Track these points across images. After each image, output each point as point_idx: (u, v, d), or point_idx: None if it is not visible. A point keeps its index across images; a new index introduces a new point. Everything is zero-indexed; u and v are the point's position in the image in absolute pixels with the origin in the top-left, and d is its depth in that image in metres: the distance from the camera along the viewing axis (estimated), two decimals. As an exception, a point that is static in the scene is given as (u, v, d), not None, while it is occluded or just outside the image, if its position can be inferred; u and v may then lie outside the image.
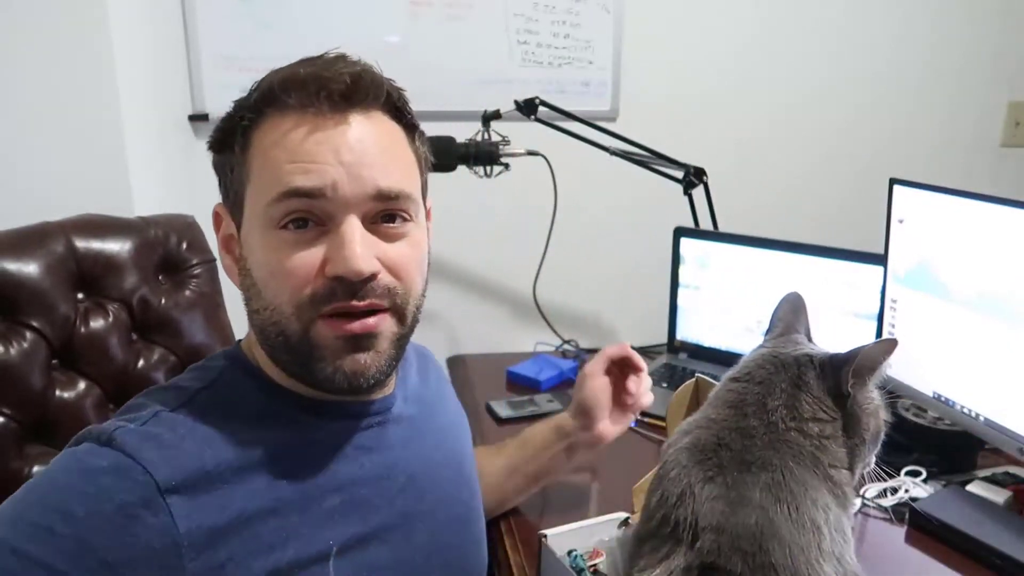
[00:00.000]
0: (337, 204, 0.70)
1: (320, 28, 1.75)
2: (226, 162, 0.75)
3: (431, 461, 0.86)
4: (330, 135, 0.70)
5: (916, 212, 1.29)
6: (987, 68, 2.05)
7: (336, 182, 0.69)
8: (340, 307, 0.70)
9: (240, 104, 0.75)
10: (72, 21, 1.51)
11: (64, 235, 1.11)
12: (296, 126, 0.70)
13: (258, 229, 0.72)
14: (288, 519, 0.70)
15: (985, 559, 1.05)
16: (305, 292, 0.70)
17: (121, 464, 0.64)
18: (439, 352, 1.90)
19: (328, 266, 0.70)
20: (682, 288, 1.70)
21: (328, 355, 0.71)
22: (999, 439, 1.15)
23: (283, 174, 0.69)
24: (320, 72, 0.71)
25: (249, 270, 0.73)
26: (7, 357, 1.03)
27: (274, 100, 0.71)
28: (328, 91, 0.70)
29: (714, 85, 1.96)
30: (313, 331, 0.71)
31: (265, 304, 0.72)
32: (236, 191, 0.74)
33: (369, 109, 0.73)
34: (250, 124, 0.73)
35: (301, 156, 0.69)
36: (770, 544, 0.60)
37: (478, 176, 1.63)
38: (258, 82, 0.74)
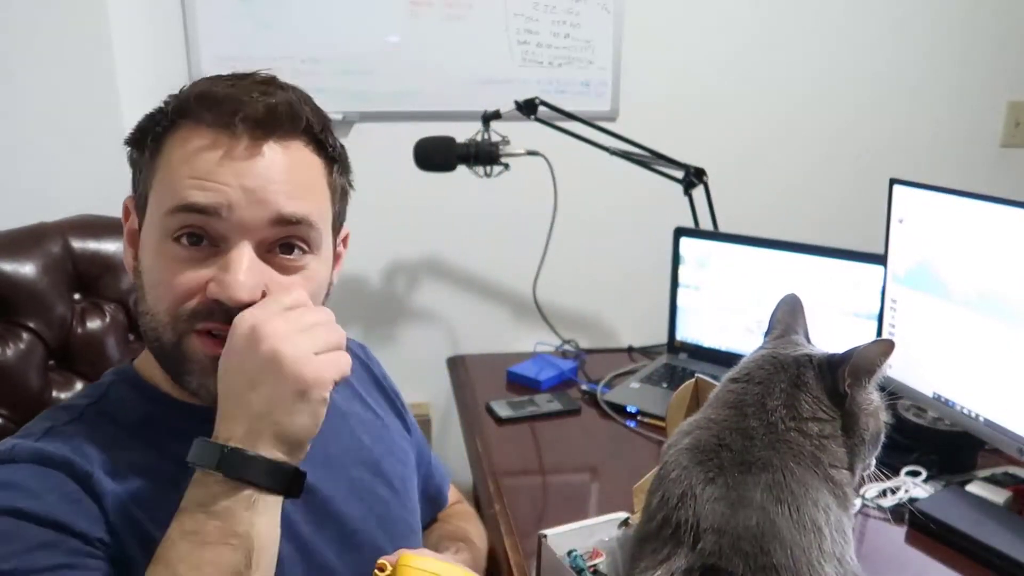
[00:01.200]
0: (231, 226, 0.70)
1: (320, 28, 1.75)
2: (136, 161, 0.76)
3: (342, 462, 0.86)
4: (236, 158, 0.70)
5: (916, 212, 1.29)
6: (987, 68, 2.05)
7: (232, 203, 0.69)
8: (214, 327, 0.71)
9: (161, 108, 0.75)
10: (72, 21, 1.51)
11: (61, 235, 1.11)
12: (206, 144, 0.70)
13: (154, 236, 0.72)
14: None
15: (985, 559, 1.05)
16: (185, 305, 0.71)
17: (35, 471, 0.69)
18: (439, 352, 1.91)
19: (210, 286, 0.70)
20: (682, 288, 1.69)
21: (196, 370, 0.72)
22: (999, 439, 1.15)
23: (182, 188, 0.70)
24: (239, 95, 0.71)
25: (141, 272, 0.74)
26: (4, 358, 1.02)
27: (189, 112, 0.72)
28: (243, 115, 0.70)
29: (714, 85, 1.96)
30: (186, 343, 0.72)
31: (147, 309, 0.73)
32: (142, 192, 0.75)
33: (286, 139, 0.73)
34: (163, 131, 0.73)
35: (202, 173, 0.69)
36: (771, 545, 0.59)
37: (478, 176, 1.63)
38: (182, 88, 0.74)
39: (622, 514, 0.90)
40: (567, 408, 1.53)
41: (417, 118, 1.80)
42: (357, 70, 1.79)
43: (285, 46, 1.74)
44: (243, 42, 1.72)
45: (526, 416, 1.50)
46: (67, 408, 0.78)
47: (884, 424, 0.71)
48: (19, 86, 1.50)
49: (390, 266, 1.93)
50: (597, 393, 1.58)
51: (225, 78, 0.75)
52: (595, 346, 1.93)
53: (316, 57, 1.76)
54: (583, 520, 0.91)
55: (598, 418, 1.51)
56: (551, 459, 1.42)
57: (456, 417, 1.63)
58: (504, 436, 1.45)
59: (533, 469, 1.38)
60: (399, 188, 1.83)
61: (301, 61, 1.74)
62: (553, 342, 1.87)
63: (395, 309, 1.95)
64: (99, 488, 0.69)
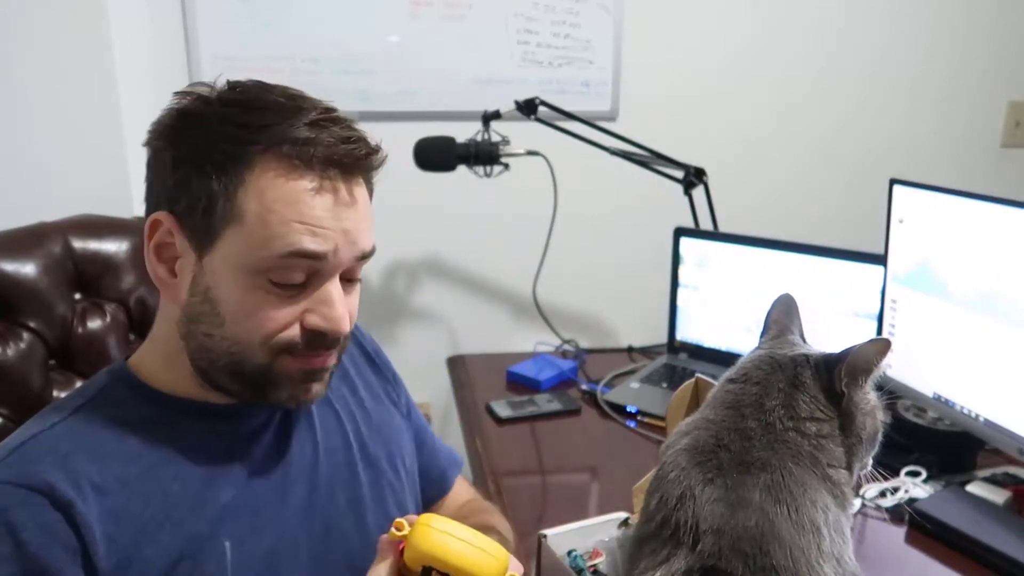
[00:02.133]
0: (332, 266, 0.74)
1: (320, 28, 1.75)
2: (197, 187, 0.72)
3: (327, 447, 0.87)
4: (339, 206, 0.73)
5: (916, 212, 1.29)
6: (987, 68, 2.05)
7: (337, 248, 0.73)
8: (316, 355, 0.76)
9: (224, 132, 0.72)
10: (72, 21, 1.51)
11: (61, 235, 1.11)
12: (309, 188, 0.72)
13: (240, 270, 0.72)
14: (183, 520, 0.74)
15: (985, 559, 1.05)
16: (282, 336, 0.74)
17: (19, 497, 0.68)
18: (440, 352, 1.91)
19: (311, 318, 0.74)
20: (682, 288, 1.69)
21: (287, 384, 0.77)
22: (999, 439, 1.15)
23: (291, 233, 0.71)
24: (331, 139, 0.72)
25: (213, 300, 0.74)
26: (5, 358, 1.02)
27: (279, 151, 0.71)
28: (339, 164, 0.73)
29: (714, 85, 1.96)
30: (278, 364, 0.75)
31: (225, 335, 0.74)
32: (209, 222, 0.72)
33: (362, 179, 0.77)
34: (244, 165, 0.71)
35: (311, 220, 0.72)
36: (771, 546, 0.59)
37: (478, 176, 1.63)
38: (248, 112, 0.73)
39: (622, 514, 0.90)
40: (567, 408, 1.53)
41: (417, 118, 1.80)
42: (357, 70, 1.79)
43: (285, 46, 1.74)
44: (243, 42, 1.72)
45: (526, 416, 1.50)
46: (58, 408, 0.77)
47: (881, 423, 0.71)
48: (19, 86, 1.50)
49: (390, 266, 1.93)
50: (597, 393, 1.58)
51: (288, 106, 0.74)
52: (595, 346, 1.93)
53: (316, 57, 1.76)
54: (583, 520, 0.91)
55: (598, 418, 1.52)
56: (551, 459, 1.42)
57: (456, 417, 1.63)
58: (504, 436, 1.45)
59: (533, 469, 1.39)
60: (399, 188, 1.83)
61: (301, 61, 1.74)
62: (553, 342, 1.87)
63: (395, 309, 1.95)
64: (81, 518, 0.69)
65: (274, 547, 0.79)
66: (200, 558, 0.73)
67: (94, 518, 0.70)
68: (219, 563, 0.74)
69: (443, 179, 1.64)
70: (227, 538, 0.75)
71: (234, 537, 0.76)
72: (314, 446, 0.86)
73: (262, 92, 0.76)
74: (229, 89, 0.77)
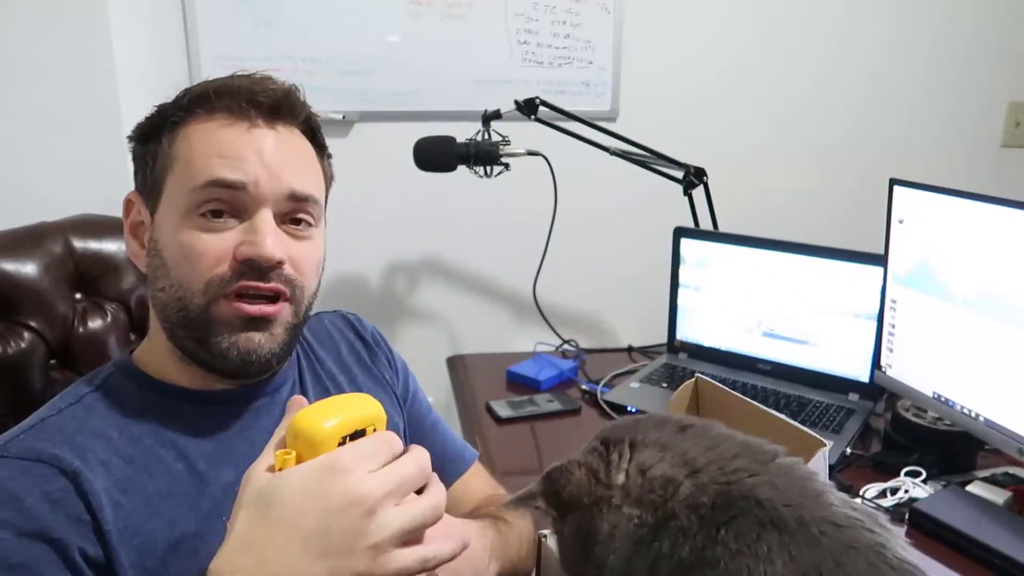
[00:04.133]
0: (254, 198, 0.77)
1: (320, 28, 1.75)
2: (148, 152, 0.81)
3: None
4: (256, 138, 0.78)
5: (916, 212, 1.29)
6: (987, 68, 2.05)
7: (257, 179, 0.77)
8: (247, 286, 0.77)
9: (170, 104, 0.81)
10: (72, 21, 1.51)
11: (62, 235, 1.11)
12: (225, 126, 0.78)
13: (176, 213, 0.77)
14: (188, 497, 0.76)
15: (985, 559, 1.05)
16: (215, 271, 0.76)
17: (21, 467, 0.70)
18: (440, 352, 1.91)
19: (242, 248, 0.76)
20: (682, 288, 1.69)
21: (226, 331, 0.77)
22: (999, 439, 1.15)
23: (209, 165, 0.76)
24: (252, 86, 0.79)
25: (160, 251, 0.79)
26: (5, 357, 1.02)
27: (206, 102, 0.79)
28: (257, 102, 0.79)
29: (714, 85, 1.96)
30: (215, 308, 0.77)
31: (171, 282, 0.77)
32: (155, 179, 0.79)
33: (290, 125, 0.82)
34: (179, 120, 0.79)
35: (228, 152, 0.77)
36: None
37: (478, 176, 1.63)
38: (188, 88, 0.81)
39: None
40: (567, 408, 1.53)
41: (417, 118, 1.80)
42: (357, 70, 1.79)
43: (285, 46, 1.74)
44: (243, 42, 1.72)
45: (526, 416, 1.50)
46: (66, 395, 0.80)
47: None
48: (20, 86, 1.50)
49: (390, 266, 1.93)
50: (597, 393, 1.58)
51: (233, 75, 0.81)
52: (595, 346, 1.93)
53: (316, 57, 1.76)
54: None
55: (598, 418, 1.51)
56: (551, 459, 1.40)
57: (456, 417, 1.63)
58: (504, 436, 1.45)
59: (533, 469, 1.38)
60: (399, 188, 1.84)
61: (301, 61, 1.75)
62: (553, 342, 1.87)
63: (395, 309, 1.95)
64: (88, 485, 0.71)
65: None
66: (205, 536, 0.75)
67: (100, 486, 0.71)
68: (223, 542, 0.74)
69: (443, 179, 1.64)
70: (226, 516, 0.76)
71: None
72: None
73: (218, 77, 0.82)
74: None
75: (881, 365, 1.38)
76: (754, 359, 1.62)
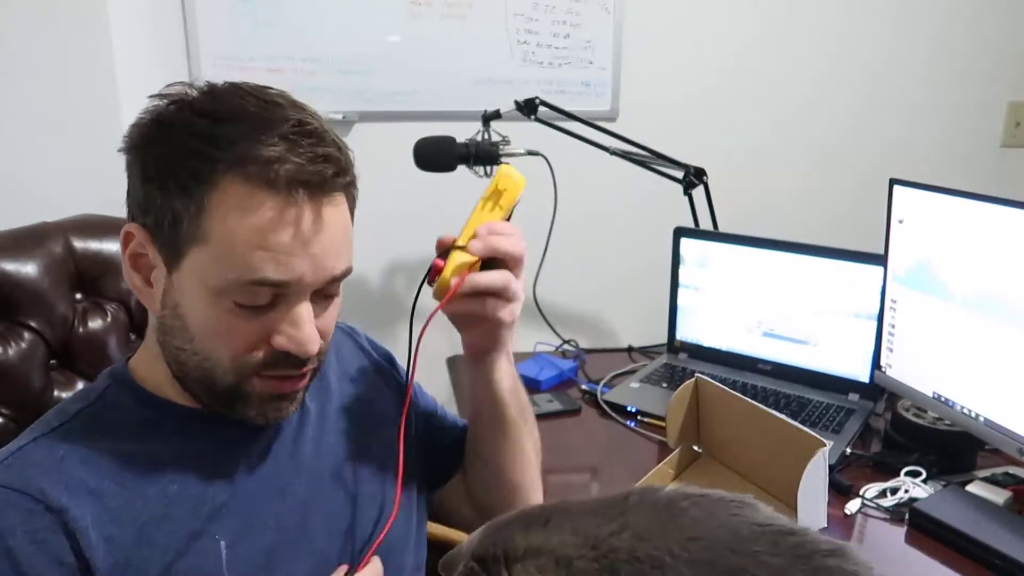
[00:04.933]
0: (297, 291, 0.72)
1: (320, 28, 1.75)
2: (163, 202, 0.71)
3: (325, 443, 0.87)
4: (304, 231, 0.70)
5: (916, 212, 1.29)
6: (987, 68, 2.05)
7: (304, 275, 0.71)
8: (283, 373, 0.75)
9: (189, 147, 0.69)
10: (72, 21, 1.51)
11: (62, 235, 1.11)
12: (271, 214, 0.69)
13: (204, 290, 0.71)
14: (181, 519, 0.74)
15: (985, 559, 1.05)
16: (250, 355, 0.73)
17: (7, 499, 0.68)
18: (440, 352, 1.90)
19: (278, 339, 0.73)
20: (682, 288, 1.69)
21: (255, 403, 0.76)
22: (999, 439, 1.15)
23: (253, 260, 0.69)
24: (298, 158, 0.69)
25: (181, 316, 0.73)
26: (5, 357, 1.02)
27: (242, 170, 0.68)
28: (305, 184, 0.69)
29: (714, 85, 1.96)
30: (247, 385, 0.75)
31: (196, 349, 0.74)
32: (175, 239, 0.71)
33: (334, 196, 0.74)
34: (208, 182, 0.69)
35: (275, 247, 0.69)
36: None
37: (478, 176, 1.63)
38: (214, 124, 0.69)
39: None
40: (567, 408, 1.53)
41: (417, 118, 1.80)
42: (357, 70, 1.79)
43: (285, 46, 1.74)
44: (243, 42, 1.72)
45: (526, 416, 1.50)
46: (59, 412, 0.78)
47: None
48: (20, 86, 1.50)
49: (390, 266, 1.93)
50: (597, 393, 1.58)
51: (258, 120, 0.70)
52: (595, 346, 1.93)
53: (316, 57, 1.76)
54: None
55: (598, 418, 1.52)
56: (551, 459, 1.41)
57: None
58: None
59: (533, 469, 1.38)
60: (399, 188, 1.83)
61: (301, 61, 1.74)
62: (553, 342, 1.87)
63: (395, 309, 1.95)
64: (75, 524, 0.69)
65: (272, 546, 0.79)
66: (196, 556, 0.74)
67: (89, 522, 0.69)
68: (215, 562, 0.74)
69: (443, 179, 1.64)
70: (223, 537, 0.75)
71: (230, 536, 0.76)
72: (310, 443, 0.86)
73: (236, 100, 0.72)
74: (204, 94, 0.74)
75: (881, 365, 1.38)
76: (754, 359, 1.62)
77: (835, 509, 1.16)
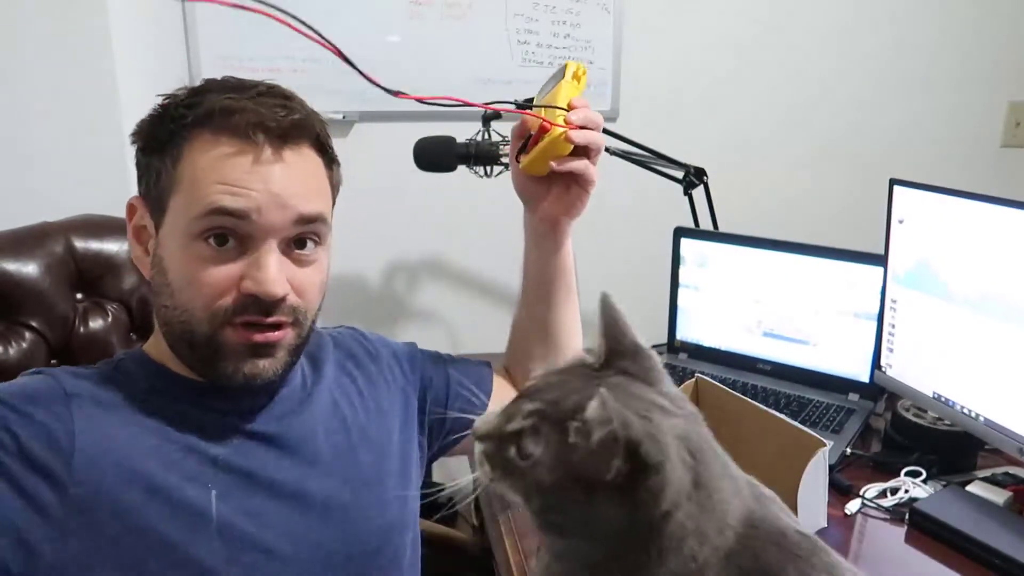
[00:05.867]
0: (259, 227, 0.77)
1: (320, 28, 1.74)
2: (151, 165, 0.80)
3: (327, 428, 0.90)
4: (262, 166, 0.77)
5: (916, 212, 1.29)
6: (987, 68, 2.05)
7: (261, 207, 0.76)
8: (251, 319, 0.78)
9: (173, 113, 0.79)
10: (72, 21, 1.51)
11: (63, 235, 1.11)
12: (231, 152, 0.76)
13: (179, 237, 0.78)
14: (171, 460, 0.78)
15: (985, 559, 1.05)
16: (220, 303, 0.77)
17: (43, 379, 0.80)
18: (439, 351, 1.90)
19: (245, 283, 0.77)
20: (682, 288, 1.69)
21: (231, 357, 0.79)
22: (999, 439, 1.15)
23: (211, 193, 0.75)
24: (260, 108, 0.77)
25: (164, 270, 0.80)
26: (6, 357, 1.03)
27: (211, 121, 0.77)
28: (265, 128, 0.77)
29: (714, 85, 1.96)
30: (221, 336, 0.78)
31: (176, 304, 0.79)
32: (159, 195, 0.79)
33: (299, 146, 0.80)
34: (183, 139, 0.78)
35: (231, 180, 0.76)
36: None
37: (478, 176, 1.62)
38: (195, 95, 0.79)
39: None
40: (567, 408, 1.53)
41: (417, 118, 1.79)
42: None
43: (285, 46, 1.73)
44: (243, 42, 1.72)
45: (526, 416, 1.49)
46: (82, 367, 0.85)
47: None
48: (19, 86, 1.50)
49: (390, 266, 1.93)
50: (597, 393, 1.58)
51: (233, 86, 0.80)
52: (595, 346, 1.92)
53: (316, 57, 1.75)
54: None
55: (598, 418, 1.51)
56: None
57: (456, 417, 1.63)
58: (504, 436, 1.44)
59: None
60: (399, 188, 1.83)
61: (301, 61, 1.74)
62: (553, 342, 1.87)
63: (395, 309, 1.95)
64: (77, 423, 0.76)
65: (263, 509, 0.81)
66: (184, 492, 0.77)
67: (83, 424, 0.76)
68: (204, 507, 0.77)
69: (443, 179, 1.64)
70: (214, 488, 0.79)
71: (221, 488, 0.79)
72: (312, 427, 0.88)
73: (220, 79, 0.81)
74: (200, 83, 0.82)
75: (881, 365, 1.38)
76: (754, 359, 1.62)
77: (835, 509, 1.16)
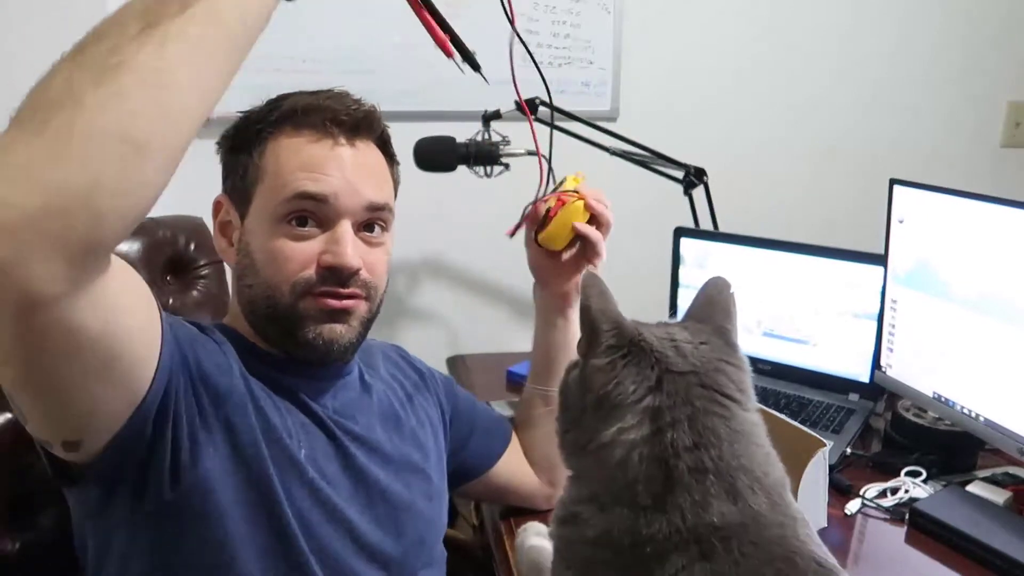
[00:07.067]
0: (336, 209, 0.86)
1: (321, 28, 1.75)
2: (238, 162, 0.90)
3: (384, 416, 0.98)
4: (338, 154, 0.87)
5: (916, 212, 1.29)
6: (987, 68, 2.05)
7: (338, 192, 0.86)
8: (329, 290, 0.86)
9: (257, 116, 0.90)
10: (72, 21, 1.51)
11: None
12: (310, 143, 0.87)
13: (264, 221, 0.87)
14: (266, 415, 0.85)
15: (985, 559, 1.05)
16: (301, 274, 0.86)
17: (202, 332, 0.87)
18: (440, 352, 1.91)
19: (324, 256, 0.86)
20: (682, 288, 1.69)
21: (311, 322, 0.87)
22: (999, 439, 1.15)
23: (296, 179, 0.85)
24: (335, 105, 0.88)
25: (250, 253, 0.88)
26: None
27: (293, 119, 0.88)
28: (339, 121, 0.88)
29: (714, 85, 1.96)
30: (302, 304, 0.86)
31: (260, 280, 0.87)
32: (246, 188, 0.89)
33: (367, 140, 0.91)
34: (268, 135, 0.88)
35: (312, 167, 0.86)
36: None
37: (478, 176, 1.62)
38: (276, 101, 0.90)
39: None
40: (567, 408, 1.53)
41: (417, 118, 1.79)
42: (358, 70, 1.78)
43: (286, 46, 1.73)
44: (243, 42, 1.72)
45: (526, 416, 1.49)
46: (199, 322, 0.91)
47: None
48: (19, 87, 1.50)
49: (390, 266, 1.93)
50: (597, 393, 1.58)
51: (310, 92, 0.91)
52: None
53: (317, 57, 1.76)
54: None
55: (598, 418, 1.51)
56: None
57: (456, 417, 1.63)
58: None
59: (533, 469, 1.38)
60: (399, 188, 1.83)
61: (302, 61, 1.74)
62: (553, 342, 1.87)
63: (395, 309, 1.95)
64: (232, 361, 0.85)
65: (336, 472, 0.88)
66: (284, 445, 0.84)
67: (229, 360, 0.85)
68: (295, 458, 0.84)
69: (443, 179, 1.64)
70: (304, 446, 0.86)
71: (308, 448, 0.86)
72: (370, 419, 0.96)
73: (295, 91, 0.91)
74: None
75: (881, 365, 1.38)
76: (754, 359, 1.59)
77: (835, 509, 1.16)
